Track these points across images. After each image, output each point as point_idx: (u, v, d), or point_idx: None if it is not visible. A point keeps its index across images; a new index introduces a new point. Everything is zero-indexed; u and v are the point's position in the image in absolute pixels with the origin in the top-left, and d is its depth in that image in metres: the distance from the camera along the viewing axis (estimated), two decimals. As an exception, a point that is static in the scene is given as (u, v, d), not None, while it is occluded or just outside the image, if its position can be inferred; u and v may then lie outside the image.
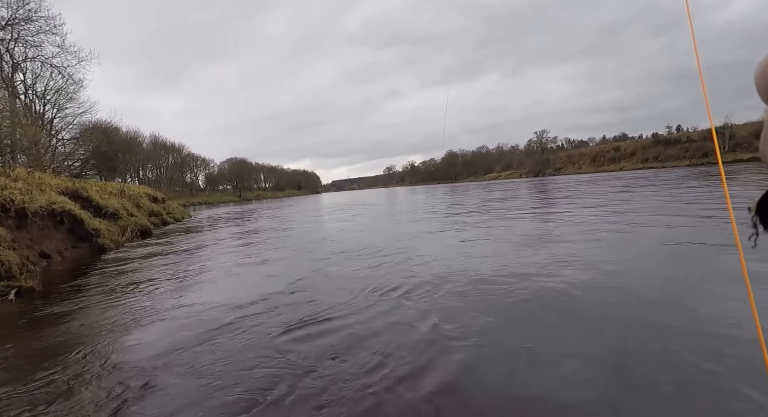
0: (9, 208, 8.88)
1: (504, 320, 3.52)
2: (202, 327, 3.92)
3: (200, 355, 3.25)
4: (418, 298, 4.33)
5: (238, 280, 6.20)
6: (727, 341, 2.76)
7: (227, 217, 25.72)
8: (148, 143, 75.07)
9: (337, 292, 4.90)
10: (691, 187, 16.15)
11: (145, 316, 4.50)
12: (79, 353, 3.47)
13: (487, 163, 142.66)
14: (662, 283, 4.18)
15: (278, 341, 3.42)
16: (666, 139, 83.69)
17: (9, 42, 22.02)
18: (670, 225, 7.53)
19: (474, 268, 5.46)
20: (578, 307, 3.68)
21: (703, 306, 3.42)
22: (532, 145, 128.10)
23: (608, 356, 2.71)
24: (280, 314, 4.17)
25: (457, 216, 13.26)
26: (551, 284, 4.40)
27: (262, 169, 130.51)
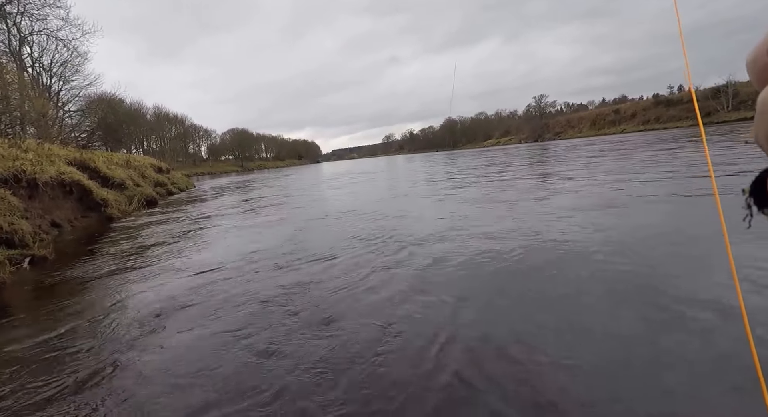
0: (21, 179, 8.90)
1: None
2: (208, 285, 4.05)
3: (206, 312, 3.38)
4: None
5: (238, 240, 6.31)
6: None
7: (230, 186, 25.73)
8: (152, 115, 74.02)
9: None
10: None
11: (155, 279, 4.60)
12: (90, 317, 3.61)
13: (485, 129, 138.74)
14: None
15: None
16: (667, 100, 78.92)
17: (16, 15, 21.42)
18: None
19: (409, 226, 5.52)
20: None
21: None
22: (530, 110, 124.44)
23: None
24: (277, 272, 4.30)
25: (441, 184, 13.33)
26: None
27: (263, 140, 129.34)
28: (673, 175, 8.93)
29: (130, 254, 6.34)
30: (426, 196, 10.54)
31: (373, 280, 3.99)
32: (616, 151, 20.54)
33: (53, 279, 5.15)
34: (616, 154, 17.92)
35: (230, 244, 6.62)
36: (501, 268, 3.95)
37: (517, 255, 4.29)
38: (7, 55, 20.99)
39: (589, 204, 6.76)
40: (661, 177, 8.89)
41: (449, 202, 8.78)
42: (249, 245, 6.27)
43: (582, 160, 17.17)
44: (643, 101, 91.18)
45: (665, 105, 77.03)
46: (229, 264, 5.14)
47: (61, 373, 2.67)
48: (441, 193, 10.50)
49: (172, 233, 8.03)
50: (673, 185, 7.64)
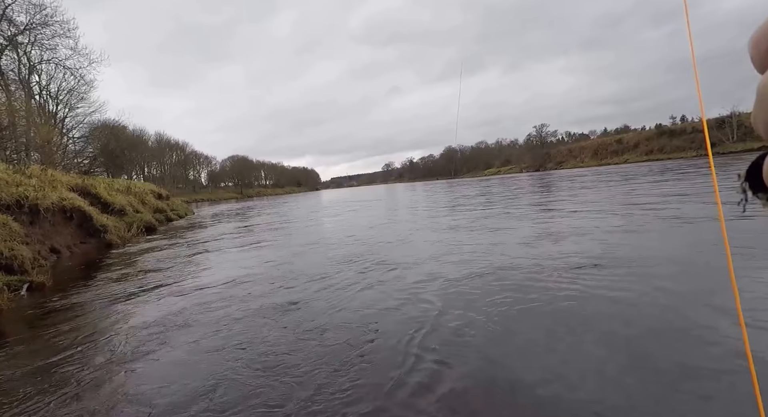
0: (23, 205, 8.93)
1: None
2: (203, 310, 4.04)
3: (205, 343, 3.37)
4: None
5: (234, 267, 6.30)
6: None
7: (228, 213, 25.74)
8: (153, 141, 74.73)
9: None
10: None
11: (150, 306, 4.58)
12: (86, 343, 3.58)
13: (486, 158, 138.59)
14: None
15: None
16: (670, 130, 78.37)
17: (26, 45, 21.98)
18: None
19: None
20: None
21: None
22: (531, 139, 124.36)
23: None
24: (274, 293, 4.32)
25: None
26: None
27: (262, 167, 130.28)
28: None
29: (127, 281, 6.32)
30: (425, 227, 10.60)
31: (359, 299, 4.39)
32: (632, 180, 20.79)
33: (50, 306, 5.11)
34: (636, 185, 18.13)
35: (225, 270, 6.65)
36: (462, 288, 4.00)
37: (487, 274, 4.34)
38: (16, 83, 21.41)
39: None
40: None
41: (441, 231, 8.84)
42: (244, 271, 6.41)
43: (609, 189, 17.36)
44: (646, 131, 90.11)
45: (669, 135, 76.23)
46: (224, 290, 5.18)
47: (55, 397, 2.66)
48: (435, 222, 10.57)
49: (169, 260, 8.01)
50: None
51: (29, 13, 20.96)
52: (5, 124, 11.65)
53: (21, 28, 20.95)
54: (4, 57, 20.86)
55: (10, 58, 21.63)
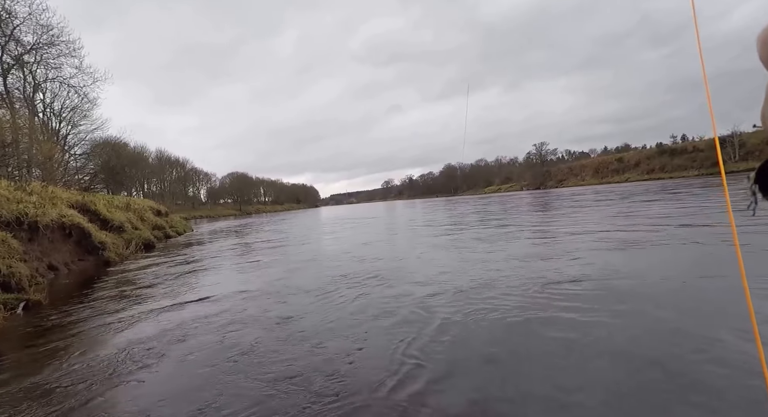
0: (23, 221, 8.96)
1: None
2: (199, 326, 4.04)
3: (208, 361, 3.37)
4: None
5: (230, 283, 6.32)
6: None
7: (227, 230, 25.75)
8: (154, 158, 75.11)
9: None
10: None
11: (146, 324, 4.57)
12: (79, 362, 3.57)
13: (486, 175, 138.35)
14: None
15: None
16: (671, 149, 78.08)
17: (32, 64, 22.32)
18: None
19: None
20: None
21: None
22: (531, 157, 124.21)
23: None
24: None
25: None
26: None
27: (262, 184, 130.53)
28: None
29: (123, 299, 6.31)
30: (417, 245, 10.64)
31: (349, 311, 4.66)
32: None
33: (46, 324, 5.09)
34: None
35: (222, 287, 6.69)
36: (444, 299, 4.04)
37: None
38: (20, 100, 21.68)
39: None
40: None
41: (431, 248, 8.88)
42: (240, 287, 6.54)
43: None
44: (647, 150, 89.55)
45: (669, 154, 76.07)
46: (221, 305, 5.18)
47: (50, 414, 2.66)
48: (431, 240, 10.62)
49: (166, 277, 8.01)
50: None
51: (36, 33, 21.44)
52: (8, 141, 11.78)
53: (28, 48, 21.37)
54: (10, 76, 21.23)
55: (16, 77, 22.02)
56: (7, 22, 19.92)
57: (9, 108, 18.18)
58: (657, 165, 76.00)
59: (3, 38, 20.25)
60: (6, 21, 19.87)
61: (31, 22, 20.72)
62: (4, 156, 12.18)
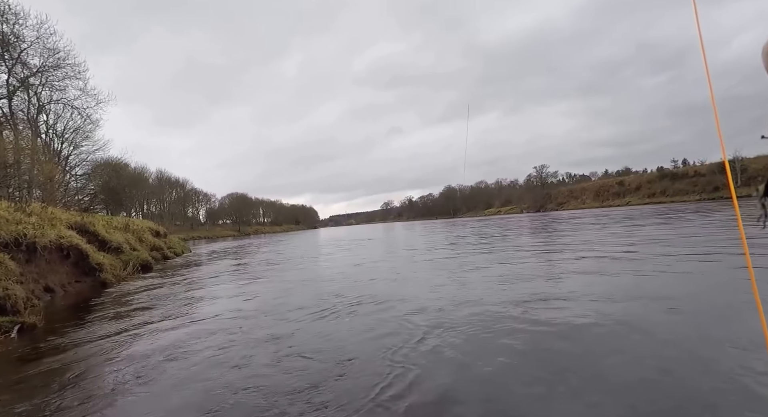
0: (21, 243, 8.94)
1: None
2: (195, 351, 4.00)
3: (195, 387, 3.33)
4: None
5: (227, 306, 6.28)
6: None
7: (225, 251, 25.68)
8: (154, 179, 75.35)
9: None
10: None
11: (141, 347, 4.52)
12: (73, 386, 3.52)
13: (486, 198, 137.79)
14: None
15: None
16: (672, 174, 78.09)
17: (38, 86, 22.66)
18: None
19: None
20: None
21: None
22: (531, 179, 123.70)
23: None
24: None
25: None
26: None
27: (261, 204, 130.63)
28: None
29: (118, 321, 6.27)
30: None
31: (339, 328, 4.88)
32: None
33: (41, 347, 5.05)
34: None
35: (218, 307, 6.74)
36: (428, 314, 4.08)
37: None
38: (24, 122, 21.91)
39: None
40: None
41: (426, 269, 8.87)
42: (235, 307, 6.62)
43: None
44: (648, 174, 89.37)
45: (670, 178, 76.11)
46: (216, 329, 5.12)
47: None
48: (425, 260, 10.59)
49: (163, 299, 7.99)
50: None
51: (43, 56, 21.81)
52: (10, 162, 11.86)
53: (34, 71, 21.72)
54: (15, 97, 21.50)
55: (21, 99, 22.30)
56: (15, 45, 20.35)
57: (12, 129, 18.38)
58: (658, 189, 76.12)
59: (10, 61, 20.64)
60: (14, 45, 20.30)
61: (38, 46, 21.19)
62: (6, 177, 12.25)
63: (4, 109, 21.26)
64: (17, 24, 19.90)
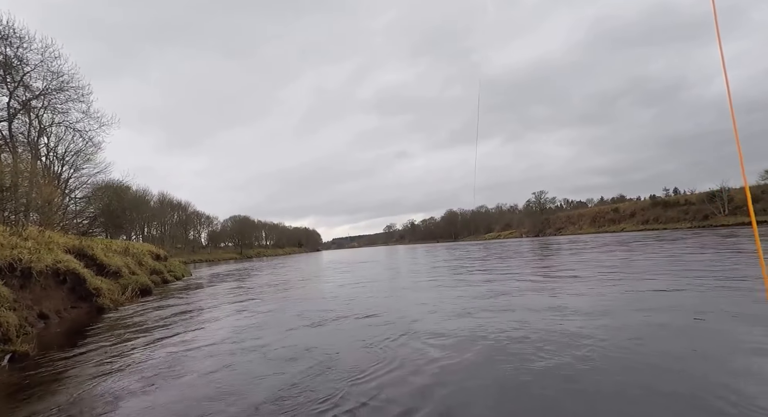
0: (16, 268, 8.81)
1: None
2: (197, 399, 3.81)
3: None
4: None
5: (225, 331, 6.10)
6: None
7: (226, 275, 25.48)
8: (156, 201, 75.57)
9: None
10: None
11: (135, 388, 4.35)
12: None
13: (487, 222, 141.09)
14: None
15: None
16: (664, 202, 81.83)
17: (39, 109, 22.82)
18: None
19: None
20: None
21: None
22: (530, 205, 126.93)
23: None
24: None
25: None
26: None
27: (263, 227, 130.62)
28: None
29: (114, 348, 6.11)
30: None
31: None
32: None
33: (32, 377, 4.86)
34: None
35: (216, 332, 6.54)
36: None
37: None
38: (24, 144, 22.01)
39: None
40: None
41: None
42: (234, 331, 6.46)
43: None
44: (641, 202, 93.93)
45: (663, 206, 79.80)
46: (212, 351, 4.95)
47: None
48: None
49: (160, 325, 7.81)
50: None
51: (46, 79, 21.98)
52: (7, 185, 11.84)
53: (36, 94, 21.90)
54: (15, 120, 21.65)
55: (22, 121, 22.39)
56: (18, 68, 20.58)
57: (12, 152, 18.49)
58: (651, 216, 79.53)
59: (12, 84, 20.82)
60: (17, 68, 20.54)
61: (42, 69, 21.39)
62: (2, 200, 12.21)
63: (3, 132, 21.35)
64: (21, 47, 20.19)
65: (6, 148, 19.93)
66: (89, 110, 24.24)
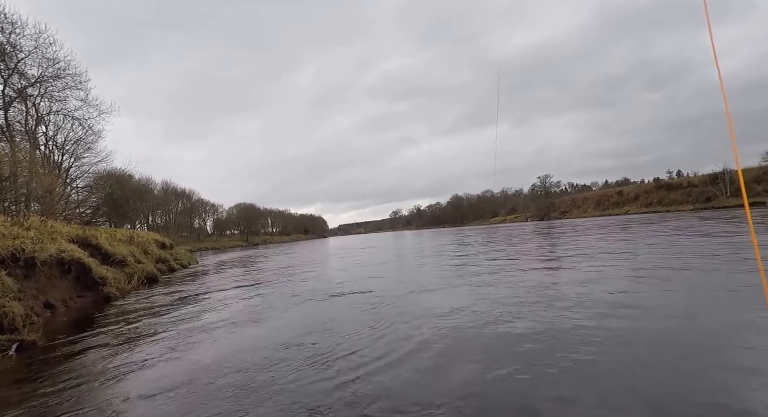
0: (19, 258, 8.87)
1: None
2: (201, 367, 3.82)
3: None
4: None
5: (236, 341, 6.13)
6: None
7: (232, 261, 25.71)
8: (159, 190, 75.99)
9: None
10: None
11: (143, 373, 4.37)
12: (76, 408, 3.36)
13: (492, 206, 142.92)
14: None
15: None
16: (668, 184, 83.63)
17: (36, 97, 22.77)
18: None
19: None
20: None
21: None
22: (536, 189, 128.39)
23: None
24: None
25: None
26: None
27: (269, 214, 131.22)
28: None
29: (121, 337, 6.15)
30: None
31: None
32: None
33: (40, 366, 4.91)
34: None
35: (222, 318, 6.60)
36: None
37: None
38: (22, 133, 22.04)
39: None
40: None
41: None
42: (238, 317, 6.48)
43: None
44: (645, 184, 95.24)
45: (666, 189, 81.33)
46: (222, 338, 5.03)
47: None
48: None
49: (166, 313, 7.88)
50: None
51: (42, 66, 21.85)
52: (6, 175, 11.87)
53: (32, 81, 21.80)
54: (12, 109, 21.65)
55: (18, 110, 22.37)
56: (12, 55, 20.45)
57: (9, 141, 18.54)
58: (655, 199, 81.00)
59: (6, 72, 20.74)
60: (10, 54, 20.41)
61: (36, 56, 21.25)
62: (2, 190, 12.27)
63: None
64: (14, 33, 20.05)
65: (3, 138, 19.97)
66: (88, 98, 24.19)
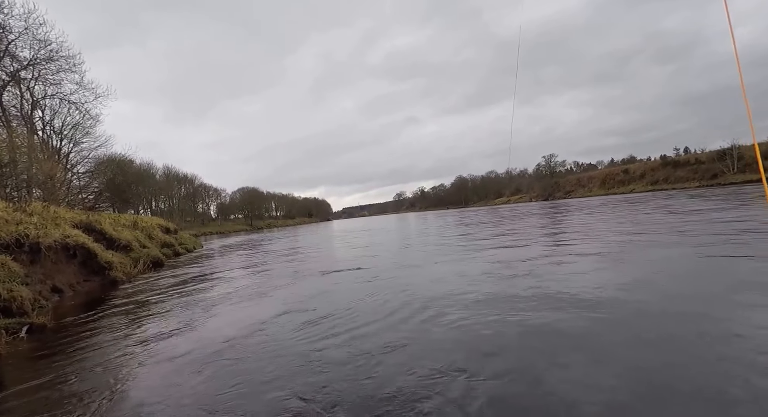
0: (23, 243, 8.95)
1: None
2: (208, 365, 3.86)
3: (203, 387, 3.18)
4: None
5: (244, 310, 6.20)
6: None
7: (236, 245, 25.92)
8: (161, 175, 76.25)
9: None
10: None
11: (152, 353, 4.43)
12: (86, 390, 3.41)
13: (496, 187, 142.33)
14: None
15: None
16: (674, 161, 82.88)
17: (30, 81, 22.67)
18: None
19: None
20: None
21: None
22: (540, 168, 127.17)
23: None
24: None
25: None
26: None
27: (273, 198, 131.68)
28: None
29: (130, 320, 6.23)
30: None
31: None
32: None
33: (51, 348, 4.99)
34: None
35: (230, 303, 6.68)
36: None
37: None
38: (18, 118, 22.03)
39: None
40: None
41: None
42: (247, 303, 6.53)
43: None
44: (651, 162, 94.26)
45: (672, 166, 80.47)
46: (230, 324, 5.11)
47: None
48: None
49: (176, 297, 7.93)
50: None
51: (33, 48, 21.70)
52: (5, 161, 11.91)
53: (25, 64, 21.68)
54: (6, 93, 21.59)
55: (12, 94, 22.31)
56: (1, 36, 20.30)
57: (6, 126, 18.56)
58: (661, 176, 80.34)
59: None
60: (0, 36, 20.27)
61: (27, 37, 21.06)
62: (1, 176, 12.33)
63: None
64: (1, 13, 19.83)
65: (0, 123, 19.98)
66: (83, 81, 24.08)
